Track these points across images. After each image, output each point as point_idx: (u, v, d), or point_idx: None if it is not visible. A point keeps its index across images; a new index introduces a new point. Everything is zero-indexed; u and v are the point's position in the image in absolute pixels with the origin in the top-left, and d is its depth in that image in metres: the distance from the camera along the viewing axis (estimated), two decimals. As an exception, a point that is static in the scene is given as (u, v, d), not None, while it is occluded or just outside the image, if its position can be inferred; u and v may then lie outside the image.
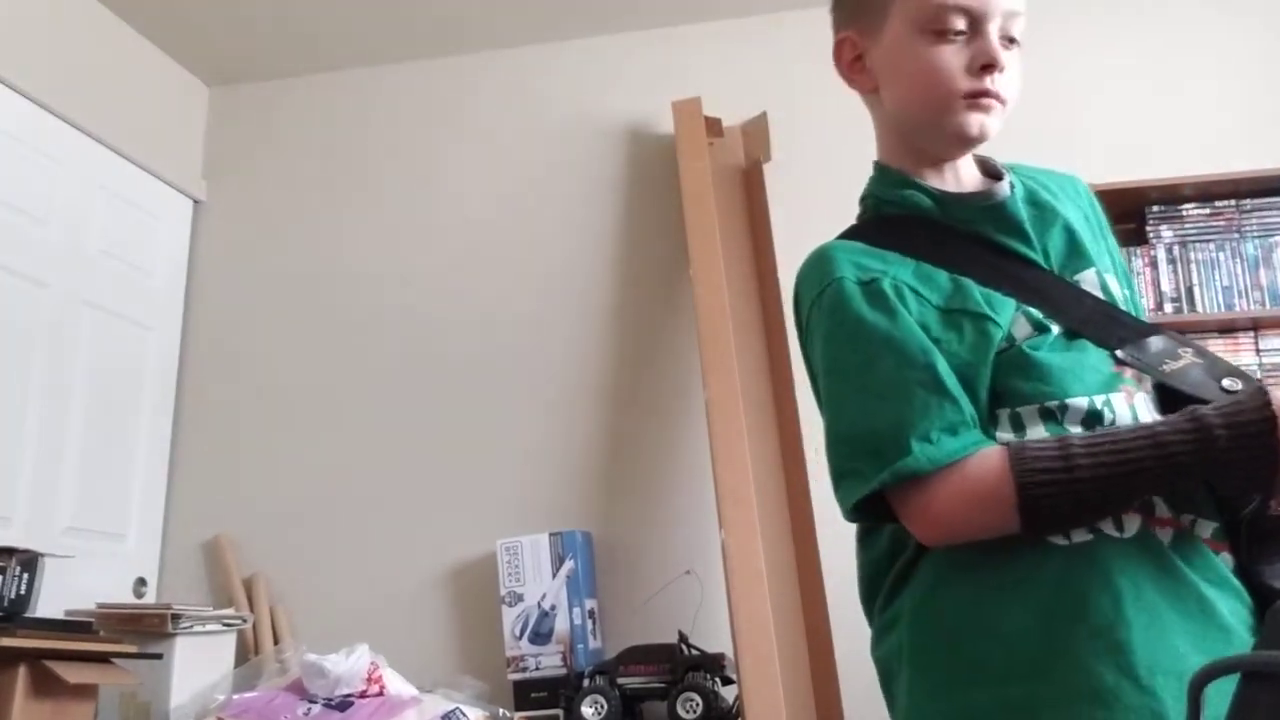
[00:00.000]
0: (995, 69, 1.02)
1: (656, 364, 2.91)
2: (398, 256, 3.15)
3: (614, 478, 2.86)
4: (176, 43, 3.18)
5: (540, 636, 2.59)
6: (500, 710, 2.48)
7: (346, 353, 3.10)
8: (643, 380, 2.91)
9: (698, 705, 2.35)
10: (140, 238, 3.06)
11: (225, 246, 3.28)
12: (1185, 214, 2.71)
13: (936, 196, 1.07)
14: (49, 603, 2.13)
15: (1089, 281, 1.06)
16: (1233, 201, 2.70)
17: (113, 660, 2.14)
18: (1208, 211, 2.70)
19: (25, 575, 2.04)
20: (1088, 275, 1.06)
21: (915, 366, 0.96)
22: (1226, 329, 2.64)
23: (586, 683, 2.44)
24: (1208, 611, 0.91)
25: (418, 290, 3.11)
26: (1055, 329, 1.00)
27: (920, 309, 1.00)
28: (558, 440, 2.91)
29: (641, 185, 3.06)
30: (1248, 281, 2.63)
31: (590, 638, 2.62)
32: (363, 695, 2.32)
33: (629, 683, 2.43)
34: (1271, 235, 2.66)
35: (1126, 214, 2.70)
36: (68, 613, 2.30)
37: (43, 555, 2.09)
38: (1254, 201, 2.69)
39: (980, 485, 0.92)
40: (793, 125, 2.93)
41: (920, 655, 0.99)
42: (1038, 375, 0.97)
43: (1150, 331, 1.03)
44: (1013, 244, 1.05)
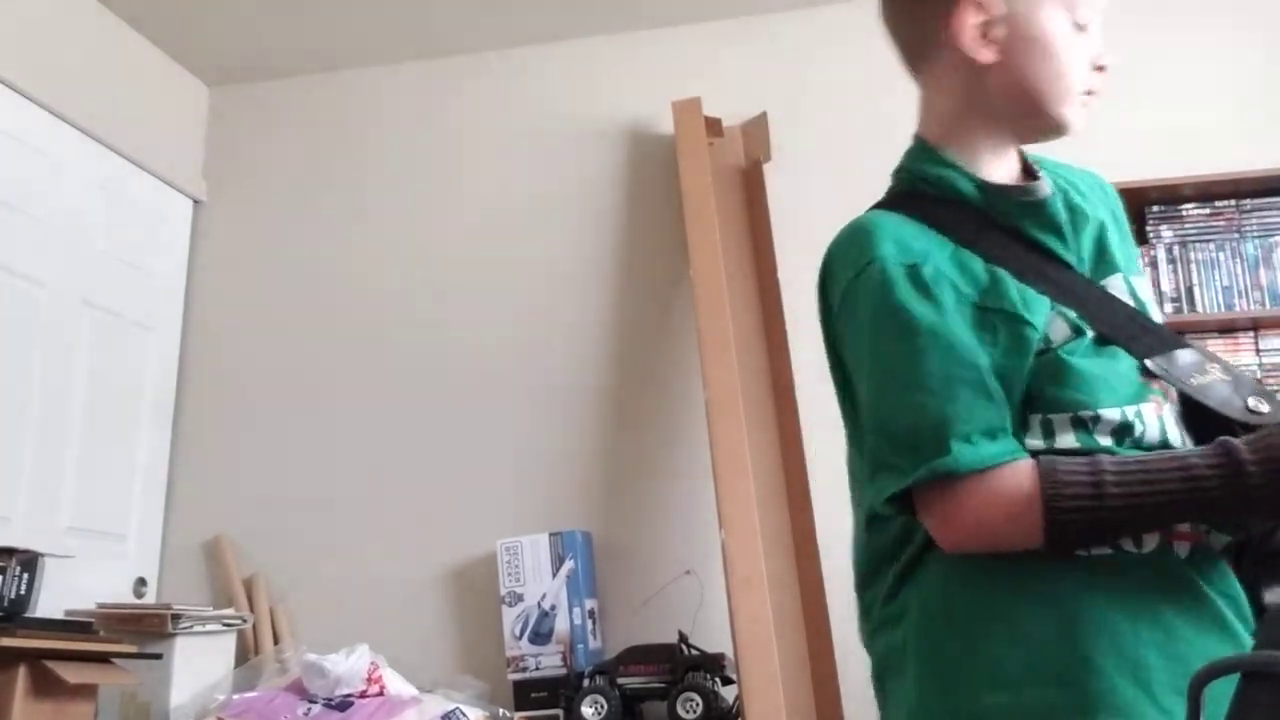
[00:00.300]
0: (1105, 71, 1.06)
1: (656, 364, 2.91)
2: (397, 256, 3.15)
3: (614, 478, 2.86)
4: (176, 43, 3.18)
5: (540, 636, 2.59)
6: (500, 710, 2.49)
7: (346, 352, 3.10)
8: (643, 380, 2.91)
9: (698, 705, 2.35)
10: (140, 238, 3.06)
11: (225, 246, 3.28)
12: (1185, 214, 2.71)
13: (979, 184, 1.06)
14: (49, 603, 2.14)
15: (1116, 287, 1.05)
16: (1233, 201, 2.70)
17: (113, 660, 2.14)
18: (1208, 211, 2.70)
19: (25, 575, 2.04)
20: (1115, 281, 1.06)
21: (962, 365, 0.95)
22: (1226, 329, 2.64)
23: (586, 683, 2.44)
24: (1225, 628, 0.91)
25: (418, 290, 3.11)
26: (1089, 333, 0.99)
27: (958, 303, 0.99)
28: (558, 440, 2.91)
29: (641, 185, 3.06)
30: (1248, 281, 2.63)
31: (590, 638, 2.62)
32: (363, 695, 2.32)
33: (629, 683, 2.44)
34: (1271, 235, 2.66)
35: (1126, 214, 2.70)
36: (68, 613, 2.30)
37: (43, 555, 2.09)
38: (1254, 201, 2.69)
39: (1008, 501, 0.92)
40: (793, 125, 2.92)
41: (932, 654, 0.98)
42: (1073, 383, 0.96)
43: (1178, 343, 1.02)
44: (1050, 243, 1.05)
